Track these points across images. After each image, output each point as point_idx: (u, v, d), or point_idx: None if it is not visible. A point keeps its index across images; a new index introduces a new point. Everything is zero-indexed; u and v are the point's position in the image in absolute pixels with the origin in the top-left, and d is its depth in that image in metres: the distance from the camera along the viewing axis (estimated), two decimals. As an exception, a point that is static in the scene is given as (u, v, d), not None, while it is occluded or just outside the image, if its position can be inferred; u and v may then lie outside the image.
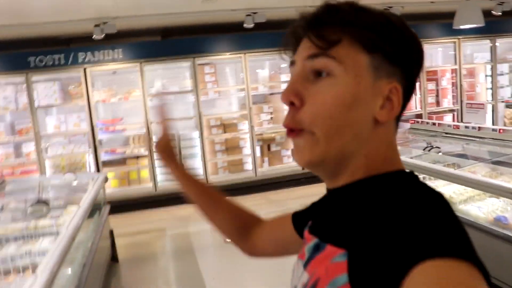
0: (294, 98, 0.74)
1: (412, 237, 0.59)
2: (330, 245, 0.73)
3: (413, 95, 0.82)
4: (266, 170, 7.57)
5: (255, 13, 6.32)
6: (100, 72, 6.97)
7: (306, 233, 0.86)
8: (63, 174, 5.15)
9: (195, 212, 1.21)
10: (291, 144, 0.79)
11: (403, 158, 3.93)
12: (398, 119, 0.79)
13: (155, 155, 1.27)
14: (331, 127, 0.73)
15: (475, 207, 3.60)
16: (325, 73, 0.73)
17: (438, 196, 0.69)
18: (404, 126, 6.03)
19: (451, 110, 8.38)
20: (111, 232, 4.93)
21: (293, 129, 0.75)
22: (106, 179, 4.72)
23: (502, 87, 8.73)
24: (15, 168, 6.80)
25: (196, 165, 7.12)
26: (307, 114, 0.74)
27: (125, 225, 5.88)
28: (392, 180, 0.75)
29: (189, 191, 1.21)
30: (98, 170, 6.76)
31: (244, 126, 7.49)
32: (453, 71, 8.32)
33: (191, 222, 5.83)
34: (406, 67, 0.76)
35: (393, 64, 0.74)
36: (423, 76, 7.57)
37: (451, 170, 3.84)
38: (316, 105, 0.73)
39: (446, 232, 0.60)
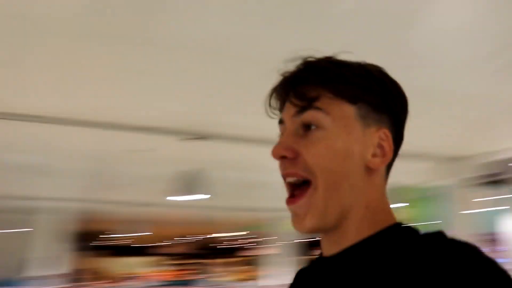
0: (285, 151, 0.75)
1: None
2: None
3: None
4: None
5: None
6: None
7: None
8: None
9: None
10: None
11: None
12: (389, 166, 0.79)
13: None
14: (329, 179, 0.72)
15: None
16: (314, 126, 0.74)
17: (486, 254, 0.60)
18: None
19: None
20: None
21: (294, 192, 0.76)
22: None
23: None
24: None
25: None
26: (310, 160, 0.73)
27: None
28: (413, 235, 0.70)
29: None
30: None
31: None
32: None
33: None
34: (392, 113, 0.78)
35: (379, 112, 0.76)
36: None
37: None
38: (312, 155, 0.73)
39: None
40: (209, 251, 13.93)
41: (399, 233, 0.72)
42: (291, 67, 0.79)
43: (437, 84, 2.78)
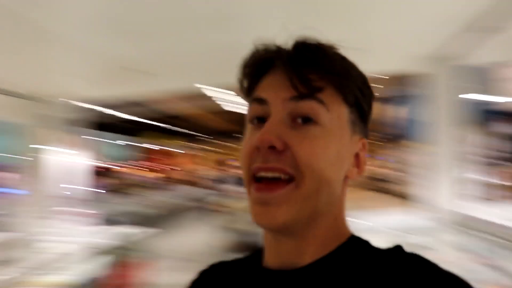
0: (277, 140, 0.64)
1: None
2: None
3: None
4: None
5: None
6: None
7: None
8: None
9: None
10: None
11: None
12: None
13: None
14: (316, 182, 0.64)
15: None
16: (312, 120, 0.65)
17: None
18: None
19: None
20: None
21: (276, 179, 0.64)
22: None
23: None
24: None
25: None
26: (302, 157, 0.64)
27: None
28: (374, 250, 0.67)
29: None
30: None
31: None
32: None
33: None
34: (368, 125, 0.73)
35: (364, 120, 0.72)
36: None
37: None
38: (306, 154, 0.64)
39: None
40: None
41: (362, 248, 0.69)
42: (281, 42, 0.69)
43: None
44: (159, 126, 13.59)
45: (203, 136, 19.05)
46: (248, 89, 0.72)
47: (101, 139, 14.26)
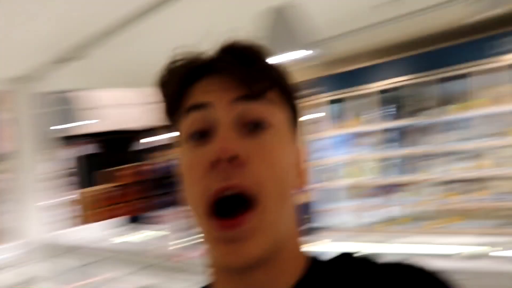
0: (240, 149, 0.53)
1: None
2: None
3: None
4: None
5: None
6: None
7: None
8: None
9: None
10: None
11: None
12: None
13: None
14: (279, 198, 0.55)
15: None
16: (265, 124, 0.56)
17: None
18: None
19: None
20: None
21: (231, 214, 0.52)
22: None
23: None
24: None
25: None
26: (264, 170, 0.54)
27: None
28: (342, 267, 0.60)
29: None
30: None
31: None
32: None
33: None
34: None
35: (295, 127, 0.64)
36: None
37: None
38: (267, 165, 0.54)
39: None
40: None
41: (333, 266, 0.60)
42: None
43: None
44: None
45: None
46: (176, 102, 0.59)
47: None
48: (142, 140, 8.17)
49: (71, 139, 6.40)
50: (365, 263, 0.59)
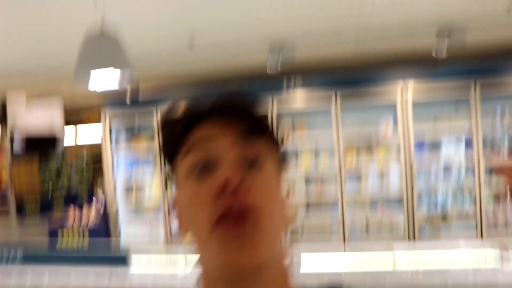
0: (242, 181, 0.62)
1: None
2: None
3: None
4: None
5: None
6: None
7: None
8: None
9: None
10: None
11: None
12: None
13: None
14: (275, 222, 0.65)
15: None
16: (260, 164, 0.65)
17: None
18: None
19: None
20: None
21: (238, 215, 0.61)
22: None
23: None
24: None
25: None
26: (258, 202, 0.62)
27: None
28: None
29: None
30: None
31: None
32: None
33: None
34: None
35: (281, 167, 0.72)
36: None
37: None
38: (262, 197, 0.63)
39: None
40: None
41: None
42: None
43: None
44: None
45: None
46: (177, 145, 0.68)
47: None
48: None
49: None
50: None
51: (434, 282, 2.55)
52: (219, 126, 0.65)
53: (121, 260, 3.01)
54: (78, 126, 10.42)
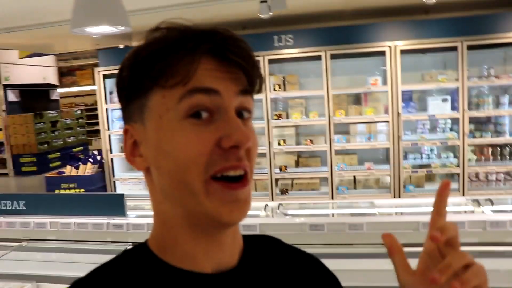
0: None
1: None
2: None
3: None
4: None
5: None
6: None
7: None
8: None
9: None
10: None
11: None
12: None
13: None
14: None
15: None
16: (248, 114, 0.66)
17: None
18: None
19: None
20: None
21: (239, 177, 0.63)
22: None
23: None
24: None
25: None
26: (254, 155, 0.66)
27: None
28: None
29: None
30: None
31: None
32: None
33: None
34: None
35: None
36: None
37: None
38: (256, 150, 0.67)
39: None
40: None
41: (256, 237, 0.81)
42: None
43: None
44: None
45: None
46: (177, 73, 0.61)
47: None
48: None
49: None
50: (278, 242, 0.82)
51: (407, 220, 2.75)
52: (226, 72, 0.62)
53: (118, 204, 3.15)
54: (73, 81, 10.45)
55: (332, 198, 5.40)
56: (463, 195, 5.16)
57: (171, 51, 0.61)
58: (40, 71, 8.41)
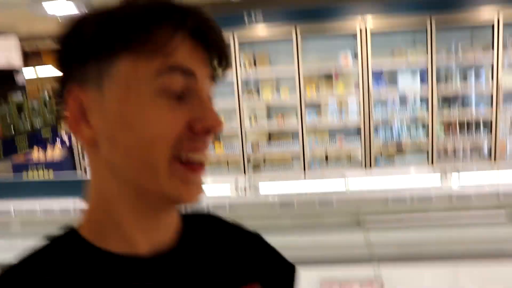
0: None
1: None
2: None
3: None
4: None
5: None
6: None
7: None
8: None
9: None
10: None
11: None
12: None
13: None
14: None
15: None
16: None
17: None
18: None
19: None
20: None
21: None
22: None
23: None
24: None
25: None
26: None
27: None
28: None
29: None
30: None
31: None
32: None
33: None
34: None
35: None
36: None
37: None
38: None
39: None
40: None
41: (195, 216, 0.78)
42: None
43: None
44: None
45: None
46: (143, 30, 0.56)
47: None
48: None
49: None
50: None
51: (375, 197, 2.79)
52: (202, 54, 0.60)
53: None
54: (39, 64, 10.14)
55: (305, 174, 5.45)
56: (432, 165, 5.31)
57: (154, 17, 0.56)
58: (3, 55, 8.13)
